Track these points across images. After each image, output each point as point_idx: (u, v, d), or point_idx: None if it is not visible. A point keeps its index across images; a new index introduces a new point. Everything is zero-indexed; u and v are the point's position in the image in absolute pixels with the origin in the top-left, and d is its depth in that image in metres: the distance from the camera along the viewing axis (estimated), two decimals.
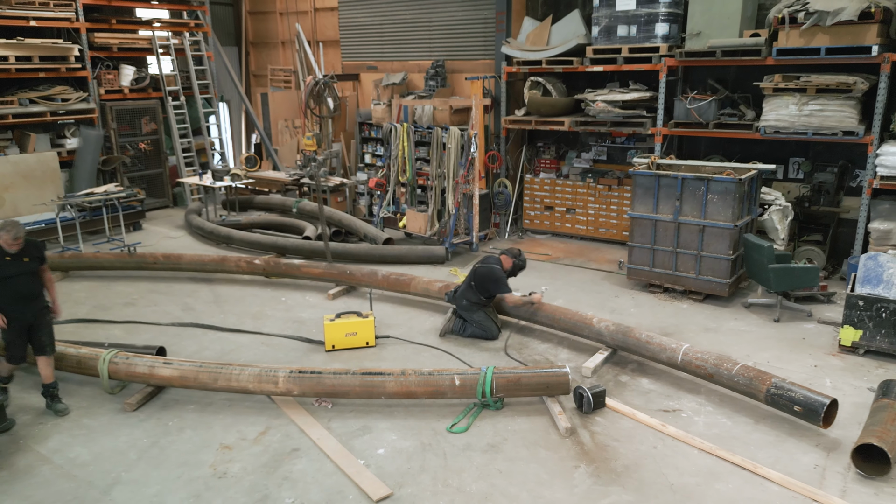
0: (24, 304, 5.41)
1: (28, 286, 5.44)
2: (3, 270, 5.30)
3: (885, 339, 6.25)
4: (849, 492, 4.44)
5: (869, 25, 7.35)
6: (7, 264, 5.30)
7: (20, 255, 5.35)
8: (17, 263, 5.34)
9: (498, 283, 6.78)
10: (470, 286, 6.88)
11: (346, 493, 4.46)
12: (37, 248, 5.53)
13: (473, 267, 7.06)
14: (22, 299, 5.40)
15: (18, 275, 5.35)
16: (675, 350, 5.84)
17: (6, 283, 5.31)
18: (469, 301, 6.85)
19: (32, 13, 10.90)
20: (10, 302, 5.34)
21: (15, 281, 5.33)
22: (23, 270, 5.38)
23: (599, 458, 4.83)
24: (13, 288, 5.34)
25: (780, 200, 8.31)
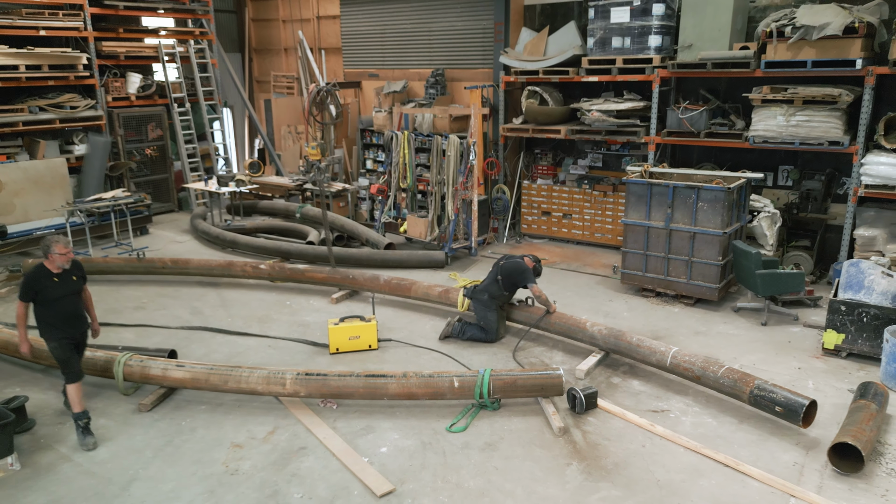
0: (72, 324, 5.38)
1: (75, 305, 5.41)
2: (52, 292, 5.24)
3: (866, 343, 6.52)
4: (825, 488, 4.72)
5: (853, 40, 7.63)
6: (55, 286, 5.25)
7: (67, 275, 5.31)
8: (65, 283, 5.30)
9: (524, 274, 6.97)
10: (496, 281, 7.05)
11: (352, 489, 4.74)
12: (80, 267, 5.48)
13: (498, 264, 7.19)
14: (70, 319, 5.36)
15: (66, 295, 5.31)
16: (664, 353, 6.11)
17: (55, 304, 5.25)
18: (490, 296, 7.03)
19: (42, 23, 11.17)
20: (59, 323, 5.29)
21: (63, 301, 5.29)
22: (70, 290, 5.34)
23: (591, 456, 5.10)
24: (62, 309, 5.29)
25: (768, 207, 8.58)
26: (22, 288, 5.24)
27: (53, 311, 5.26)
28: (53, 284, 5.23)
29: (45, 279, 5.21)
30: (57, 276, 5.24)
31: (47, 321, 5.28)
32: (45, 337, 5.33)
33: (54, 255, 5.18)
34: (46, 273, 5.23)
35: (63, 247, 5.20)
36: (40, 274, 5.23)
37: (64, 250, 5.20)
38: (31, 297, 5.21)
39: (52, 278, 5.23)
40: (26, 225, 10.55)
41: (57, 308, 5.26)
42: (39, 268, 5.26)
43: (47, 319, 5.27)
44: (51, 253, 5.18)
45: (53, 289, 5.23)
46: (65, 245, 5.22)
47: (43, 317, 5.28)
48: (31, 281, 5.21)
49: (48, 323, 5.28)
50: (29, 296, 5.21)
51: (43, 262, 5.26)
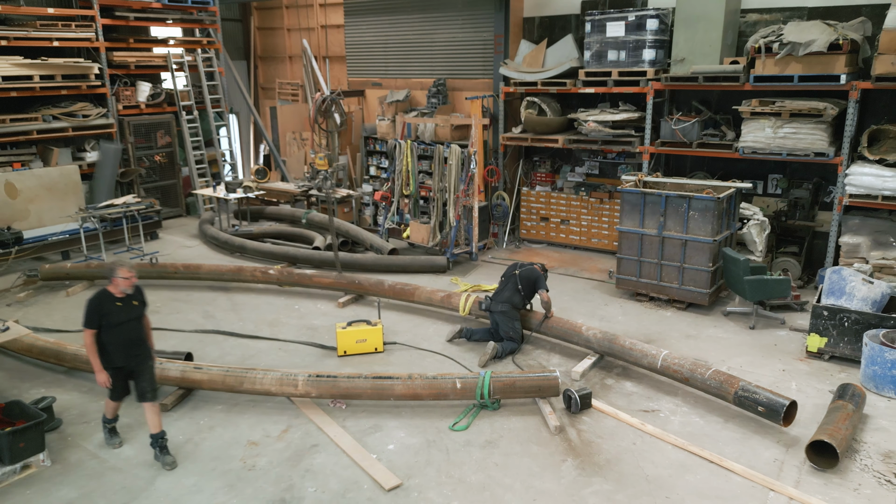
0: (131, 351, 5.26)
1: (136, 331, 5.30)
2: (115, 316, 5.13)
3: (848, 346, 6.87)
4: (802, 482, 5.06)
5: (838, 56, 7.97)
6: (118, 310, 5.15)
7: (130, 299, 5.22)
8: (128, 308, 5.21)
9: (539, 280, 7.31)
10: (517, 291, 7.29)
11: (362, 484, 5.09)
12: (141, 292, 5.38)
13: (514, 274, 7.39)
14: (129, 346, 5.25)
15: (128, 320, 5.21)
16: (655, 356, 6.46)
17: (116, 330, 5.14)
18: (514, 306, 7.29)
19: (55, 34, 11.51)
20: (118, 349, 5.19)
21: (125, 327, 5.19)
22: (133, 315, 5.25)
23: (584, 452, 5.45)
24: (123, 334, 5.18)
25: (758, 215, 8.93)
26: (87, 314, 5.14)
27: (114, 336, 5.16)
28: (117, 309, 5.15)
29: (108, 303, 5.14)
30: (120, 301, 5.17)
31: (106, 347, 5.19)
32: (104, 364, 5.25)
33: (118, 279, 5.10)
34: (110, 297, 5.16)
35: (127, 271, 5.14)
36: (104, 298, 5.15)
37: (128, 274, 5.13)
38: (98, 323, 5.12)
39: (116, 303, 5.16)
40: (41, 230, 10.88)
41: (118, 334, 5.16)
42: (103, 292, 5.18)
43: (107, 346, 5.18)
44: (115, 277, 5.11)
45: (117, 313, 5.15)
46: (128, 269, 5.15)
47: (105, 342, 5.18)
48: (95, 306, 5.13)
49: (106, 349, 5.19)
50: (95, 322, 5.12)
51: (106, 286, 5.17)
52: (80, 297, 9.23)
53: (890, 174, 7.89)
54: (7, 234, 10.12)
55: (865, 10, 8.50)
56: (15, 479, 5.20)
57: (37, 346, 6.95)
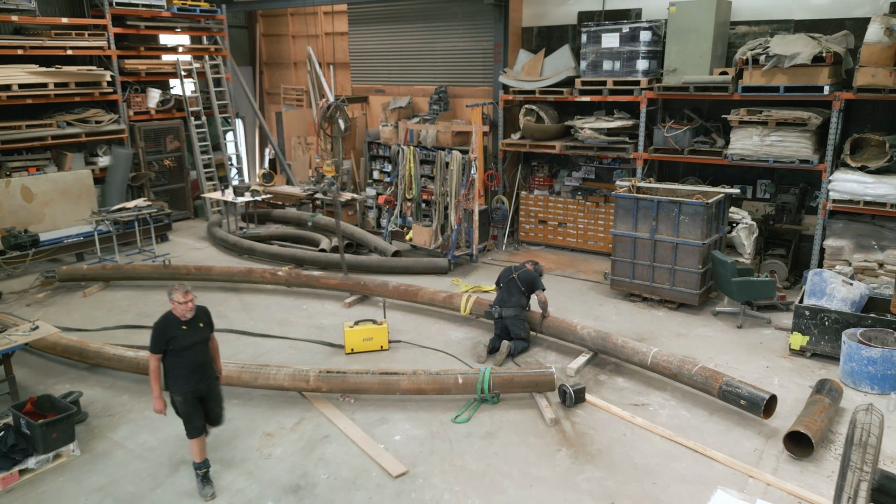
0: (199, 375, 5.13)
1: (203, 355, 5.16)
2: (181, 341, 4.98)
3: (828, 344, 7.26)
4: (779, 470, 5.46)
5: (821, 68, 8.36)
6: (184, 334, 4.99)
7: (195, 322, 5.08)
8: (193, 331, 5.06)
9: (537, 281, 7.65)
10: (521, 292, 7.61)
11: (370, 471, 5.48)
12: (206, 314, 5.26)
13: (512, 277, 7.68)
14: (197, 370, 5.11)
15: (195, 344, 5.06)
16: (645, 353, 6.85)
17: (184, 354, 5.00)
18: (520, 307, 7.60)
19: (69, 43, 11.91)
20: (186, 374, 5.04)
21: (192, 351, 5.04)
22: (199, 338, 5.10)
23: (578, 443, 5.84)
24: (190, 358, 5.04)
25: (746, 219, 9.32)
26: (152, 339, 5.00)
27: (182, 360, 5.02)
28: (183, 333, 4.99)
29: (174, 327, 5.00)
30: (185, 324, 5.02)
31: (175, 372, 5.04)
32: (171, 390, 5.10)
33: (174, 303, 4.95)
34: (175, 321, 5.01)
35: (182, 295, 4.95)
36: (169, 322, 5.02)
37: (183, 299, 4.95)
38: (163, 348, 5.00)
39: (181, 326, 5.00)
40: (56, 233, 11.29)
41: (186, 358, 5.02)
42: (168, 316, 5.04)
43: (175, 370, 5.04)
44: (171, 300, 4.96)
45: (183, 337, 4.99)
46: (184, 293, 4.96)
47: (171, 367, 5.04)
48: (161, 330, 4.99)
49: (176, 374, 5.04)
50: (160, 346, 4.99)
51: (170, 310, 5.04)
52: (96, 298, 9.64)
53: (871, 181, 8.27)
54: (24, 237, 10.52)
55: (849, 23, 8.89)
56: (48, 468, 5.60)
57: (61, 343, 7.33)
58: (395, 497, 5.16)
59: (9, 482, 5.39)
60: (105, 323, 8.68)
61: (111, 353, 7.04)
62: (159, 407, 5.15)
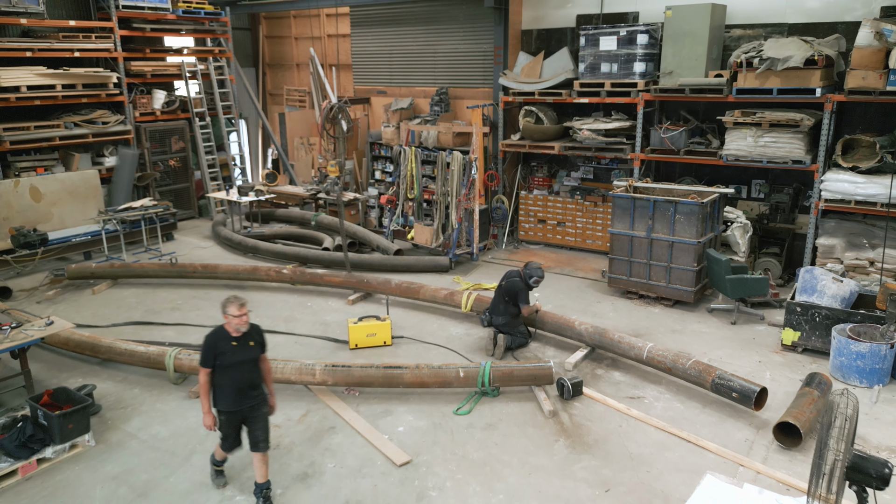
0: (244, 395, 4.93)
1: (251, 374, 4.96)
2: (229, 357, 4.79)
3: (819, 339, 7.47)
4: (769, 459, 5.67)
5: (813, 70, 8.57)
6: (233, 350, 4.81)
7: (245, 339, 4.89)
8: (243, 349, 4.87)
9: (520, 294, 7.66)
10: (505, 301, 7.72)
11: (375, 460, 5.70)
12: (259, 332, 5.07)
13: (500, 286, 7.83)
14: (243, 390, 4.91)
15: (243, 362, 4.87)
16: (641, 348, 7.07)
17: (229, 372, 4.82)
18: (511, 315, 7.73)
19: (77, 45, 12.13)
20: (231, 393, 4.87)
21: (239, 369, 4.85)
22: (248, 357, 4.92)
23: (575, 434, 6.06)
24: (236, 377, 4.86)
25: (741, 218, 9.53)
26: (202, 352, 4.88)
27: (227, 378, 4.85)
28: (231, 349, 4.82)
29: (223, 342, 4.83)
30: (235, 340, 4.84)
31: (220, 389, 4.90)
32: (216, 405, 4.99)
33: (228, 316, 4.79)
34: (225, 336, 4.84)
35: (237, 308, 4.76)
36: (219, 336, 4.86)
37: (237, 312, 4.76)
38: (212, 362, 4.84)
39: (231, 342, 4.83)
40: (64, 232, 11.49)
41: (232, 376, 4.85)
42: (219, 330, 4.90)
43: (220, 387, 4.89)
44: (224, 314, 4.80)
45: (231, 354, 4.82)
46: (238, 307, 4.77)
47: (216, 383, 4.91)
48: (210, 344, 4.85)
49: (221, 391, 4.90)
50: (209, 360, 4.84)
51: (222, 324, 4.90)
52: (105, 295, 9.85)
53: (862, 181, 8.48)
54: (33, 236, 10.72)
55: (841, 27, 9.11)
56: (65, 457, 5.81)
57: (73, 339, 7.54)
58: (399, 484, 5.37)
59: (28, 470, 5.60)
60: (114, 319, 8.89)
61: (122, 347, 7.25)
62: (209, 423, 4.99)
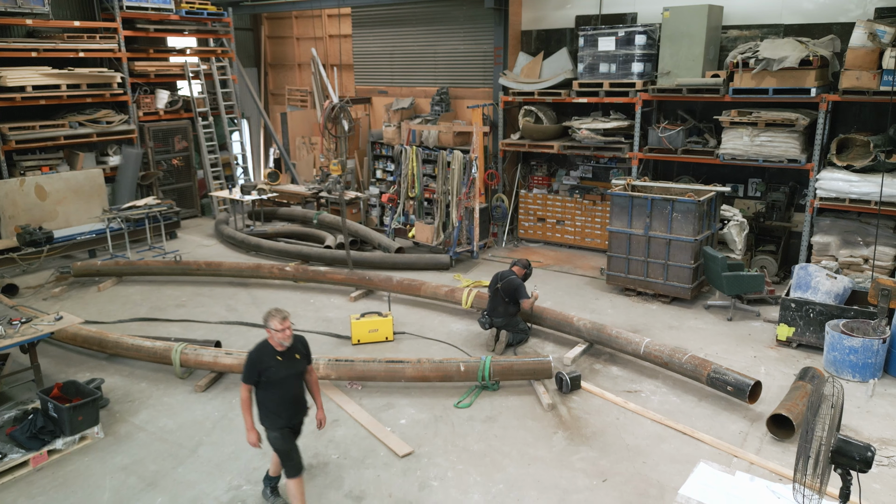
0: (292, 410, 4.82)
1: (298, 388, 4.84)
2: (275, 373, 4.63)
3: (813, 335, 7.61)
4: (763, 450, 5.80)
5: (808, 71, 8.70)
6: (278, 365, 4.65)
7: (291, 353, 4.73)
8: (289, 362, 4.72)
9: (520, 290, 7.75)
10: (504, 302, 7.79)
11: (378, 451, 5.83)
12: (304, 344, 4.93)
13: (496, 289, 7.78)
14: (290, 404, 4.78)
15: (289, 377, 4.73)
16: (638, 343, 7.20)
17: (276, 387, 4.66)
18: (510, 314, 7.83)
19: (81, 45, 12.25)
20: (278, 408, 4.72)
21: (285, 384, 4.71)
22: (294, 371, 4.77)
23: (573, 426, 6.19)
24: (283, 392, 4.70)
25: (737, 217, 9.66)
26: (245, 369, 4.70)
27: (276, 394, 4.69)
28: (277, 364, 4.65)
29: (268, 358, 4.65)
30: (280, 354, 4.68)
31: (267, 406, 4.72)
32: (265, 425, 4.77)
33: (271, 331, 4.62)
34: (270, 351, 4.66)
35: (279, 322, 4.60)
36: (263, 352, 4.68)
37: (280, 326, 4.60)
38: (255, 379, 4.66)
39: (276, 356, 4.66)
40: (69, 230, 11.61)
41: (280, 391, 4.69)
42: (263, 345, 4.71)
43: (267, 404, 4.72)
44: (267, 328, 4.64)
45: (277, 369, 4.65)
46: (281, 320, 4.61)
47: (264, 401, 4.72)
48: (254, 360, 4.68)
49: (268, 408, 4.72)
50: (252, 377, 4.66)
51: (266, 338, 4.73)
52: (110, 293, 9.99)
53: (857, 179, 8.60)
54: (39, 234, 10.85)
55: (836, 28, 9.24)
56: (74, 449, 5.94)
57: (81, 334, 7.67)
58: (401, 475, 5.51)
59: (39, 461, 5.74)
60: (120, 316, 9.02)
61: (129, 343, 7.39)
62: (253, 440, 4.81)
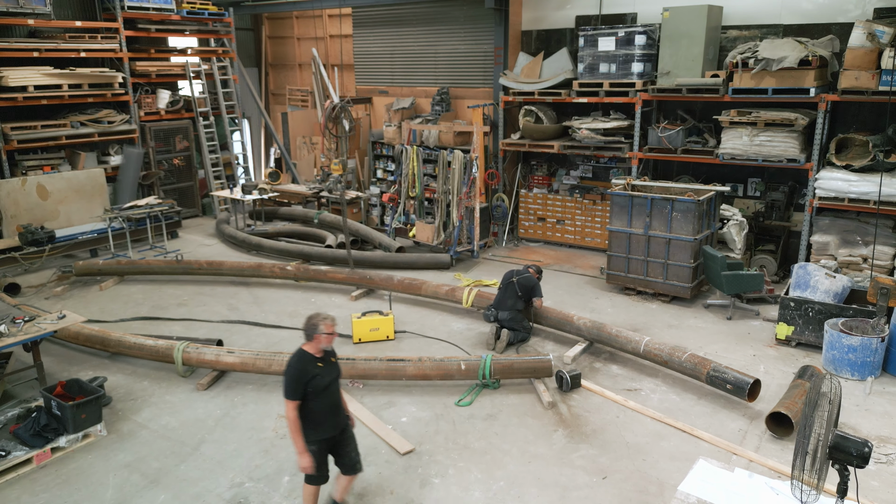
0: (337, 417, 4.62)
1: (338, 393, 4.61)
2: (320, 380, 4.42)
3: (812, 334, 7.64)
4: (762, 448, 5.84)
5: (808, 71, 8.74)
6: (322, 372, 4.45)
7: (327, 357, 4.55)
8: (329, 367, 4.53)
9: (536, 288, 7.98)
10: (518, 297, 7.89)
11: (380, 449, 5.87)
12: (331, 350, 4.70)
13: (512, 281, 7.98)
14: (336, 411, 4.59)
15: (332, 381, 4.52)
16: (638, 342, 7.24)
17: (321, 396, 4.42)
18: (518, 311, 7.91)
19: (83, 46, 12.29)
20: (326, 417, 4.50)
21: (331, 390, 4.49)
22: (335, 375, 4.58)
23: (573, 424, 6.23)
24: (329, 399, 4.50)
25: (737, 216, 9.70)
26: (290, 384, 4.38)
27: (323, 403, 4.47)
28: (320, 371, 4.45)
29: (311, 366, 4.44)
30: (320, 360, 4.49)
31: (314, 418, 4.47)
32: (306, 438, 4.51)
33: (321, 335, 4.44)
34: (310, 359, 4.46)
35: (329, 324, 4.46)
36: (305, 361, 4.45)
37: (331, 329, 4.46)
38: (302, 392, 4.39)
39: (317, 363, 4.46)
40: (71, 230, 11.65)
41: (327, 399, 4.48)
42: (302, 355, 4.49)
43: (314, 416, 4.46)
44: (317, 333, 4.44)
45: (322, 376, 4.44)
46: (331, 322, 4.47)
47: (309, 413, 4.45)
48: (298, 373, 4.39)
49: (315, 421, 4.47)
50: (299, 391, 4.38)
51: (301, 346, 4.53)
52: (112, 292, 10.02)
53: (856, 178, 8.64)
54: (41, 233, 10.88)
55: (835, 28, 9.28)
56: (78, 446, 5.98)
57: (83, 333, 7.71)
58: (403, 472, 5.55)
59: (42, 459, 5.77)
60: (122, 315, 9.05)
61: (132, 341, 7.42)
62: (307, 464, 4.48)
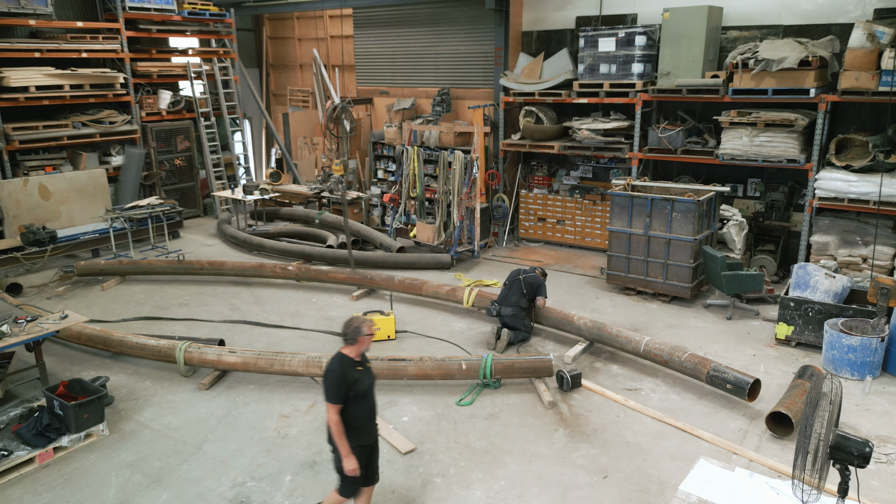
0: (373, 423, 4.56)
1: (374, 400, 4.54)
2: (361, 384, 4.34)
3: (812, 334, 7.67)
4: (762, 447, 5.86)
5: (807, 71, 8.76)
6: (362, 375, 4.37)
7: (364, 361, 4.49)
8: (367, 371, 4.47)
9: (542, 287, 8.09)
10: (522, 295, 7.95)
11: (381, 448, 5.83)
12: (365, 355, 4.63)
13: (518, 279, 8.06)
14: (372, 417, 4.51)
15: (371, 385, 4.47)
16: (638, 342, 7.26)
17: (362, 400, 4.35)
18: (521, 308, 7.94)
19: (84, 46, 12.32)
20: (366, 422, 4.44)
21: (370, 394, 4.43)
22: (373, 378, 4.55)
23: (574, 423, 6.25)
24: (369, 404, 4.44)
25: (737, 216, 9.72)
26: (333, 388, 4.27)
27: (363, 407, 4.41)
28: (360, 374, 4.38)
29: (352, 370, 4.36)
30: (359, 364, 4.41)
31: (356, 424, 4.37)
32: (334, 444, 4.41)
33: (364, 337, 4.39)
34: (350, 362, 4.38)
35: (371, 325, 4.44)
36: (346, 365, 4.36)
37: (372, 331, 4.44)
38: (345, 396, 4.28)
39: (357, 367, 4.39)
40: (72, 230, 11.68)
41: (367, 403, 4.43)
42: (341, 359, 4.39)
43: (357, 421, 4.38)
44: (361, 335, 4.38)
45: (362, 379, 4.38)
46: (372, 323, 4.46)
47: (351, 418, 4.35)
48: (341, 377, 4.28)
49: (357, 426, 4.38)
50: (342, 394, 4.27)
51: (340, 350, 4.43)
52: (114, 292, 10.05)
53: (855, 179, 8.66)
54: (43, 234, 10.91)
55: (835, 28, 9.30)
56: (80, 446, 6.00)
57: (85, 333, 7.74)
58: (404, 471, 5.57)
59: (45, 458, 5.80)
60: (124, 315, 9.08)
61: (134, 341, 7.45)
62: (353, 467, 4.34)
